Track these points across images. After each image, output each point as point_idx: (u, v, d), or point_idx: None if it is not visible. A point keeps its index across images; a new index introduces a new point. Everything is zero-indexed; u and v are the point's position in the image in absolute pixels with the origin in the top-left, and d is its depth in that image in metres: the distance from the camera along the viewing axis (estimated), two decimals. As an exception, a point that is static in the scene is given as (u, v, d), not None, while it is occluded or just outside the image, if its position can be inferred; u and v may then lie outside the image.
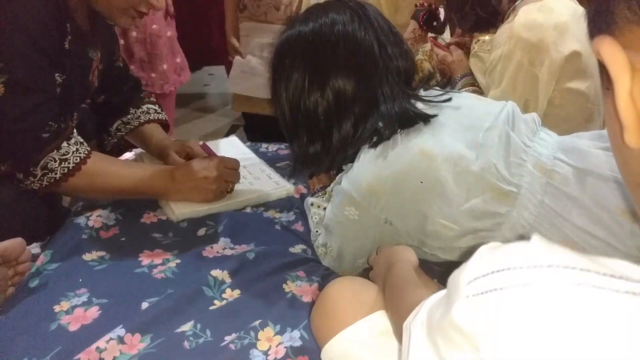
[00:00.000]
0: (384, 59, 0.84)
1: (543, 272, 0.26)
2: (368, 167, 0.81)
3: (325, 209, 0.93)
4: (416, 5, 1.50)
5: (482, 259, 0.30)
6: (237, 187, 1.11)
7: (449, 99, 0.86)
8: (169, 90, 2.28)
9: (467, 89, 1.26)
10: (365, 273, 0.89)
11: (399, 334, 0.57)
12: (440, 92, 0.88)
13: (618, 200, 0.70)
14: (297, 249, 0.97)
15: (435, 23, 1.48)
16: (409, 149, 0.79)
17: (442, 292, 0.36)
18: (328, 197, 0.95)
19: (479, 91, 1.25)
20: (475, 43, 1.28)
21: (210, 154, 1.14)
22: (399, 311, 0.57)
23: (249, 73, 2.11)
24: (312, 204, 1.00)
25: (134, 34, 1.99)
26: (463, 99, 0.88)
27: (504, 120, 0.82)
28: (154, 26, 2.15)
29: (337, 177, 0.90)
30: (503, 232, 0.76)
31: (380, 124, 0.83)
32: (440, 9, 1.48)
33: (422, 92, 0.88)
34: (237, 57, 2.12)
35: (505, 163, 0.78)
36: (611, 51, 0.28)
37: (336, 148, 0.86)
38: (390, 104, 0.83)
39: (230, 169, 1.07)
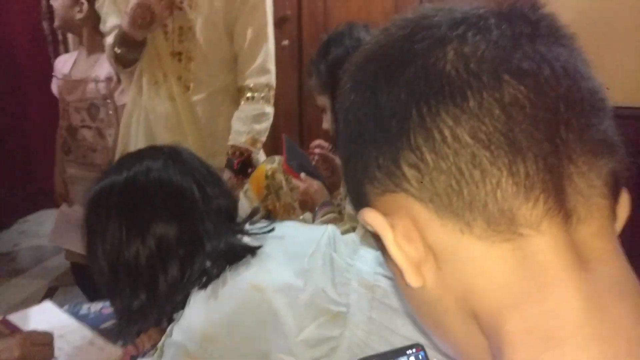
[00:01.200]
0: (204, 199, 0.85)
1: None
2: (200, 310, 0.77)
3: None
4: (228, 154, 1.54)
5: None
6: (51, 363, 0.94)
7: (273, 229, 0.88)
8: None
9: (327, 216, 1.31)
10: None
11: None
12: (264, 224, 0.90)
13: None
14: None
15: (250, 170, 1.54)
16: (240, 285, 0.77)
17: None
18: (160, 353, 0.85)
19: (340, 218, 1.31)
20: None
21: (13, 330, 0.97)
22: None
23: (77, 225, 1.94)
24: None
25: None
26: (286, 228, 0.91)
27: (326, 244, 0.86)
28: None
29: (167, 329, 0.83)
30: (340, 354, 0.76)
31: (208, 263, 0.81)
32: (253, 154, 1.55)
33: (247, 227, 0.89)
34: (63, 206, 1.96)
35: (333, 284, 0.80)
36: (372, 218, 0.36)
37: (164, 296, 0.81)
38: (216, 241, 0.83)
39: (39, 345, 0.91)
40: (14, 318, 1.18)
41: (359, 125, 0.37)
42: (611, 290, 0.31)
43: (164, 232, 0.81)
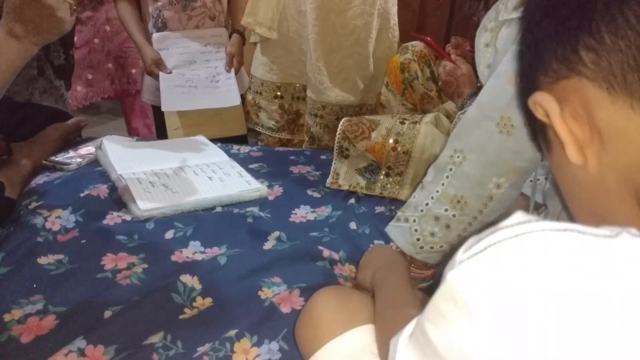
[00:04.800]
0: None
1: (532, 225, 0.30)
2: None
3: None
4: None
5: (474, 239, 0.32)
6: (207, 183, 1.08)
7: None
8: None
9: None
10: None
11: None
12: None
13: None
14: (270, 242, 0.93)
15: None
16: None
17: None
18: None
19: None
20: None
21: None
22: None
23: (189, 86, 1.59)
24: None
25: None
26: None
27: None
28: None
29: None
30: None
31: None
32: None
33: None
34: (162, 74, 1.56)
35: None
36: (541, 96, 0.39)
37: None
38: None
39: None
40: (174, 142, 1.32)
41: (538, 24, 0.40)
42: None
43: None
